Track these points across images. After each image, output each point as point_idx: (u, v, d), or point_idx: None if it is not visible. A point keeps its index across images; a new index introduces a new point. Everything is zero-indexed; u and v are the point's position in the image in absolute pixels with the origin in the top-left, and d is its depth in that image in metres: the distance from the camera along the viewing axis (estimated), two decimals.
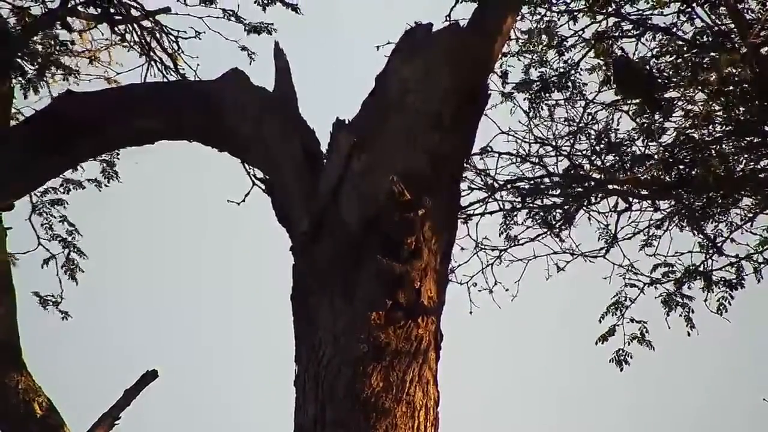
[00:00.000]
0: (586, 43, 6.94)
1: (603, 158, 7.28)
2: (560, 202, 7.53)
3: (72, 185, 7.74)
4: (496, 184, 7.42)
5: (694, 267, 7.27)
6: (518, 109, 7.30)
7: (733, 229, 7.24)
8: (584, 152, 7.33)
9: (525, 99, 7.26)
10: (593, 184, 7.31)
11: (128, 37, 7.25)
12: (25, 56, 6.85)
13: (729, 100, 6.46)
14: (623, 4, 6.65)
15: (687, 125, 6.85)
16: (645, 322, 7.45)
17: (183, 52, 7.36)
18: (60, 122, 4.60)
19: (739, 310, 7.10)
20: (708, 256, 7.30)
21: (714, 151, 6.78)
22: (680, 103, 6.83)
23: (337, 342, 3.82)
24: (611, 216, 7.46)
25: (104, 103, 4.82)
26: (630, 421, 12.35)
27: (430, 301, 3.95)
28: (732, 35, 6.31)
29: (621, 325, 7.47)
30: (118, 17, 6.90)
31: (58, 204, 7.71)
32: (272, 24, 7.18)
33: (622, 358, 7.42)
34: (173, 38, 7.32)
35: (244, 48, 7.27)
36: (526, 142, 7.38)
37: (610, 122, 7.20)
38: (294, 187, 4.27)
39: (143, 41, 7.26)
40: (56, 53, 7.20)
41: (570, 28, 6.92)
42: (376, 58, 6.64)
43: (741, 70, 6.13)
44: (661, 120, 6.95)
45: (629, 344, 7.44)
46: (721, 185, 6.73)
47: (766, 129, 6.64)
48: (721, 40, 6.35)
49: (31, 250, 7.57)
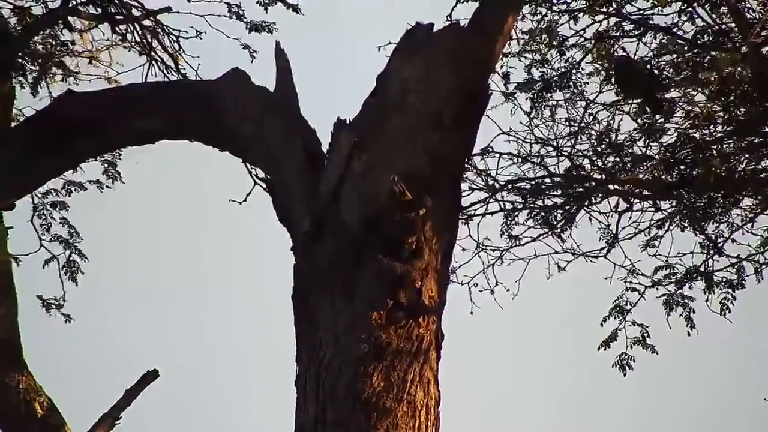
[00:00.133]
0: (585, 47, 6.95)
1: (604, 158, 7.28)
2: (561, 203, 7.53)
3: (74, 187, 7.73)
4: (497, 185, 7.42)
5: (695, 267, 7.26)
6: (519, 109, 7.32)
7: (734, 229, 7.23)
8: (585, 152, 7.33)
9: (526, 99, 7.27)
10: (594, 184, 7.31)
11: (129, 36, 7.26)
12: (25, 56, 6.85)
13: (729, 101, 6.45)
14: (624, 4, 6.64)
15: (688, 125, 6.85)
16: (647, 326, 7.43)
17: (184, 52, 7.37)
18: (60, 122, 4.60)
19: (739, 311, 7.10)
20: (709, 257, 7.29)
21: (715, 152, 6.78)
22: (681, 104, 6.83)
23: (338, 342, 3.82)
24: (612, 216, 7.47)
25: (105, 103, 4.82)
26: (631, 421, 12.35)
27: (431, 300, 3.95)
28: (732, 35, 6.31)
29: (623, 329, 7.45)
30: (119, 17, 6.90)
31: (59, 206, 7.70)
32: (274, 23, 7.18)
33: (625, 363, 7.40)
34: (174, 38, 7.32)
35: (245, 46, 7.28)
36: (527, 143, 7.39)
37: (611, 122, 7.21)
38: (295, 187, 4.27)
39: (144, 41, 7.26)
40: (57, 53, 7.20)
41: (571, 28, 6.93)
42: (377, 58, 6.67)
43: (742, 70, 6.13)
44: (662, 120, 6.95)
45: (631, 348, 7.43)
46: (722, 185, 6.73)
47: (767, 129, 6.64)
48: (721, 40, 6.35)
49: (33, 252, 7.58)
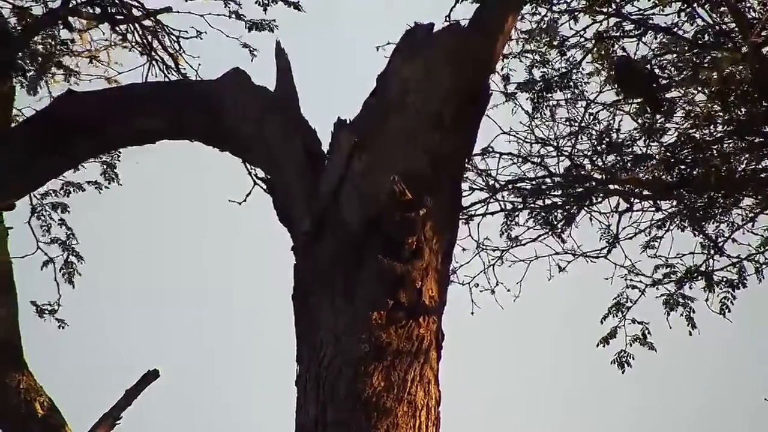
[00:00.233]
0: (585, 47, 6.95)
1: (604, 158, 7.27)
2: (561, 203, 7.52)
3: (72, 187, 7.72)
4: (498, 185, 7.42)
5: (695, 267, 7.26)
6: (519, 109, 7.31)
7: (734, 229, 7.23)
8: (585, 152, 7.33)
9: (527, 99, 7.26)
10: (594, 184, 7.30)
11: (129, 36, 7.26)
12: (25, 56, 6.84)
13: (730, 101, 6.45)
14: (624, 4, 6.64)
15: (688, 125, 6.84)
16: (647, 324, 7.43)
17: (184, 52, 7.37)
18: (60, 122, 4.60)
19: (740, 310, 7.10)
20: (709, 257, 7.28)
21: (715, 151, 6.78)
22: (681, 103, 6.83)
23: (338, 342, 3.82)
24: (612, 216, 7.46)
25: (105, 103, 4.82)
26: (632, 421, 12.35)
27: (431, 300, 3.95)
28: (733, 35, 6.31)
29: (623, 327, 7.46)
30: (119, 17, 6.89)
31: (58, 208, 7.69)
32: (273, 20, 7.17)
33: (624, 360, 7.41)
34: (174, 38, 7.32)
35: (245, 45, 7.26)
36: (527, 143, 7.38)
37: (612, 122, 7.20)
38: (295, 187, 4.27)
39: (144, 41, 7.25)
40: (57, 53, 7.20)
41: (571, 28, 6.92)
42: (377, 58, 6.66)
43: (742, 70, 6.12)
44: (662, 120, 6.94)
45: (630, 346, 7.43)
46: (722, 185, 6.72)
47: (767, 129, 6.63)
48: (722, 40, 6.35)
49: (30, 254, 7.55)
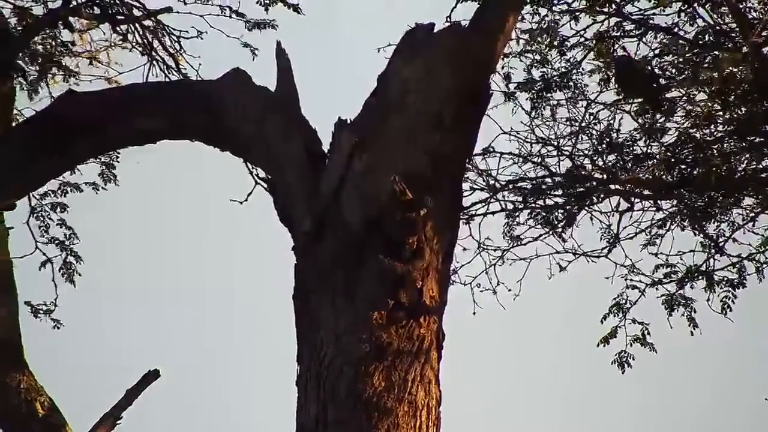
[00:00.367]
0: (587, 46, 6.94)
1: (605, 158, 7.27)
2: (562, 202, 7.52)
3: (70, 188, 7.71)
4: (498, 185, 7.42)
5: (695, 267, 7.26)
6: (520, 109, 7.31)
7: (735, 228, 7.23)
8: (586, 152, 7.33)
9: (527, 99, 7.26)
10: (595, 184, 7.30)
11: (130, 37, 7.26)
12: (25, 56, 6.85)
13: (730, 100, 6.44)
14: (624, 4, 6.64)
15: (688, 125, 6.84)
16: (647, 324, 7.43)
17: (185, 52, 7.37)
18: (61, 122, 4.61)
19: (741, 310, 7.10)
20: (710, 256, 7.28)
21: (715, 151, 6.77)
22: (682, 103, 6.83)
23: (338, 342, 3.82)
24: (613, 216, 7.46)
25: (105, 103, 4.82)
26: (633, 421, 12.35)
27: (431, 300, 3.95)
28: (733, 35, 6.31)
29: (623, 327, 7.45)
30: (119, 17, 6.89)
31: (59, 208, 7.68)
32: (274, 20, 7.16)
33: (624, 360, 7.40)
34: (175, 38, 7.32)
35: (246, 45, 7.25)
36: (527, 142, 7.38)
37: (612, 122, 7.20)
38: (296, 187, 4.28)
39: (145, 41, 7.25)
40: (57, 54, 7.20)
41: (571, 28, 6.92)
42: (378, 58, 6.66)
43: (742, 70, 6.12)
44: (663, 120, 6.94)
45: (631, 346, 7.43)
46: (723, 185, 6.72)
47: (767, 129, 6.63)
48: (722, 40, 6.34)
49: (29, 254, 7.56)
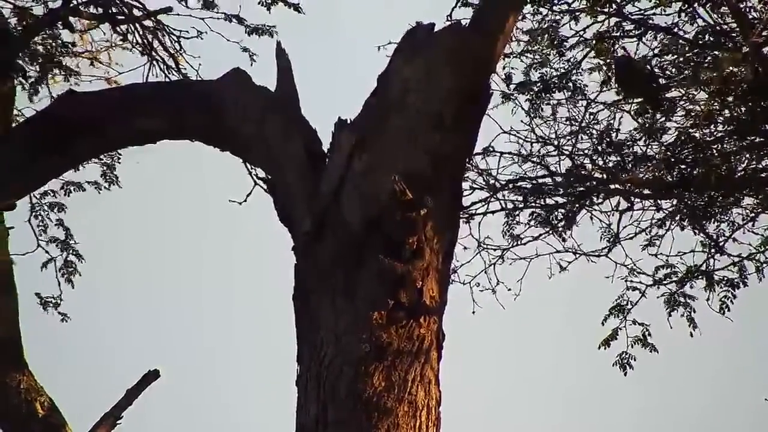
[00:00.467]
0: (587, 44, 6.94)
1: (605, 158, 7.27)
2: (562, 202, 7.52)
3: (72, 186, 7.72)
4: (498, 184, 7.42)
5: (696, 267, 7.25)
6: (520, 108, 7.31)
7: (735, 228, 7.23)
8: (586, 152, 7.33)
9: (526, 100, 7.26)
10: (595, 183, 7.30)
11: (130, 37, 7.26)
12: (26, 57, 6.85)
13: (730, 100, 6.44)
14: (624, 4, 6.64)
15: (688, 125, 6.84)
16: (647, 325, 7.42)
17: (185, 52, 7.37)
18: (61, 122, 4.61)
19: (741, 310, 7.09)
20: (710, 256, 7.28)
21: (715, 151, 6.78)
22: (682, 103, 6.83)
23: (338, 342, 3.82)
24: (613, 215, 7.46)
25: (105, 103, 4.82)
26: (632, 421, 12.35)
27: (432, 300, 3.95)
28: (734, 35, 6.31)
29: (624, 328, 7.44)
30: (120, 17, 6.90)
31: (57, 208, 7.69)
32: (274, 26, 7.18)
33: (626, 362, 7.39)
34: (175, 38, 7.32)
35: (245, 49, 7.28)
36: (527, 142, 7.38)
37: (612, 122, 7.20)
38: (296, 187, 4.28)
39: (145, 41, 7.26)
40: (57, 54, 7.20)
41: (571, 28, 6.93)
42: (378, 58, 6.66)
43: (743, 70, 6.12)
44: (663, 119, 6.94)
45: (632, 347, 7.41)
46: (723, 185, 6.72)
47: (767, 128, 6.63)
48: (722, 40, 6.35)
49: (31, 252, 7.57)
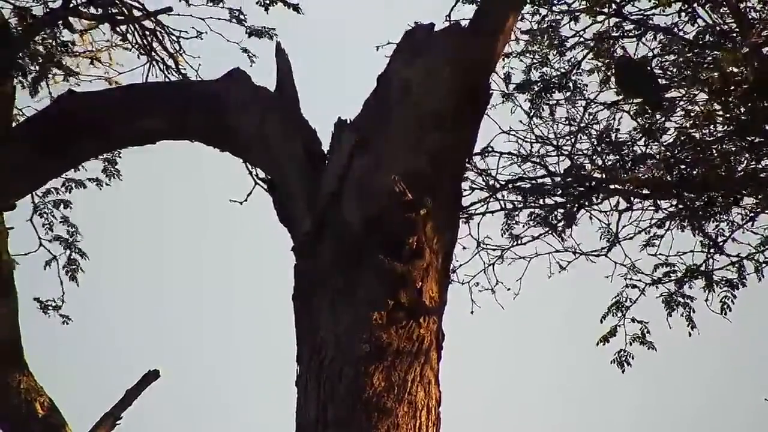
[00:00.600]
0: (586, 45, 6.95)
1: (604, 158, 7.28)
2: (561, 202, 7.52)
3: (74, 184, 7.71)
4: (498, 184, 7.42)
5: (695, 266, 7.26)
6: (519, 108, 7.31)
7: (734, 228, 7.23)
8: (585, 152, 7.33)
9: (526, 100, 7.27)
10: (594, 183, 7.30)
11: (129, 37, 7.26)
12: (26, 56, 6.85)
13: (730, 100, 6.45)
14: (624, 4, 6.65)
15: (688, 125, 6.85)
16: (646, 323, 7.42)
17: (184, 52, 7.36)
18: (61, 122, 4.61)
19: (740, 310, 7.10)
20: (709, 256, 7.28)
21: (715, 151, 6.78)
22: (681, 103, 6.83)
23: (338, 342, 3.82)
24: (612, 215, 7.46)
25: (106, 103, 4.83)
26: (631, 420, 12.36)
27: (431, 300, 3.95)
28: (733, 34, 6.31)
29: (622, 326, 7.45)
30: (119, 17, 6.89)
31: (60, 205, 7.69)
32: (273, 29, 7.16)
33: (624, 359, 7.40)
34: (175, 38, 7.32)
35: (245, 50, 7.25)
36: (527, 142, 7.38)
37: (612, 122, 7.21)
38: (296, 187, 4.28)
39: (145, 41, 7.25)
40: (57, 53, 7.20)
41: (571, 29, 6.93)
42: (377, 58, 6.65)
43: (743, 70, 6.13)
44: (662, 119, 6.95)
45: (630, 345, 7.42)
46: (723, 185, 6.73)
47: (767, 128, 6.63)
48: (722, 40, 6.35)
49: (33, 251, 7.56)
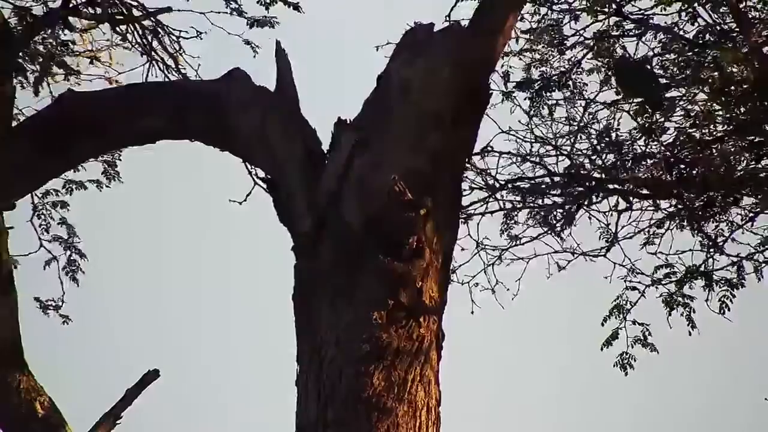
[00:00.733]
0: (586, 45, 6.95)
1: (604, 157, 7.28)
2: (561, 202, 7.53)
3: (74, 185, 7.72)
4: (497, 184, 7.42)
5: (695, 267, 7.26)
6: (518, 108, 7.32)
7: (734, 228, 7.23)
8: (585, 152, 7.34)
9: (525, 99, 7.27)
10: (594, 183, 7.31)
11: (129, 37, 7.25)
12: (26, 56, 6.85)
13: (729, 100, 6.45)
14: (624, 4, 6.65)
15: (688, 125, 6.86)
16: (647, 325, 7.42)
17: (184, 52, 7.35)
18: (62, 122, 4.61)
19: (740, 310, 7.10)
20: (708, 256, 7.29)
21: (715, 151, 6.78)
22: (681, 103, 6.83)
23: (338, 342, 3.82)
24: (612, 215, 7.46)
25: (106, 103, 4.83)
26: (631, 420, 12.35)
27: (431, 300, 3.95)
28: (734, 34, 6.32)
29: (623, 328, 7.45)
30: (119, 17, 6.89)
31: (60, 206, 7.69)
32: (275, 17, 7.10)
33: (626, 362, 7.40)
34: (175, 38, 7.30)
35: (247, 42, 7.19)
36: (526, 142, 7.39)
37: (611, 121, 7.21)
38: (296, 187, 4.28)
39: (144, 41, 7.25)
40: (57, 53, 7.20)
41: (571, 28, 6.94)
42: (377, 58, 6.66)
43: (743, 69, 6.13)
44: (662, 119, 6.95)
45: (632, 347, 7.42)
46: (722, 185, 6.73)
47: (767, 129, 6.64)
48: (722, 40, 6.35)
49: (33, 252, 7.56)
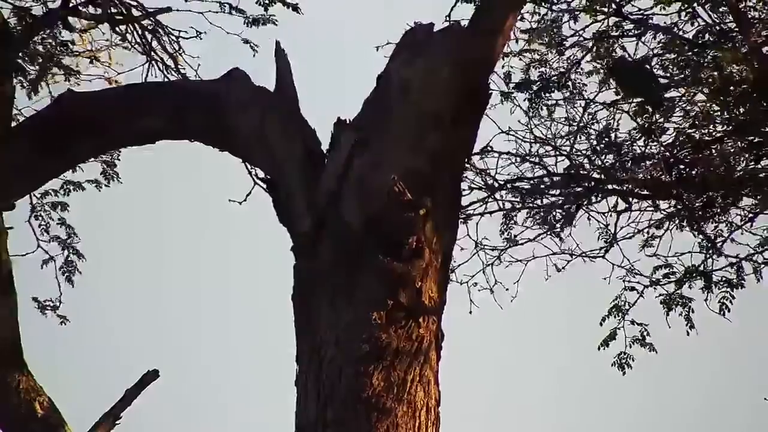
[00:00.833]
0: (585, 47, 6.96)
1: (603, 158, 7.28)
2: (560, 202, 7.53)
3: (72, 186, 7.71)
4: (496, 184, 7.42)
5: (694, 267, 7.26)
6: (518, 108, 7.32)
7: (733, 229, 7.24)
8: (584, 152, 7.34)
9: (525, 99, 7.27)
10: (593, 183, 7.31)
11: (129, 37, 7.25)
12: (25, 56, 6.85)
13: (729, 100, 6.45)
14: (624, 4, 6.65)
15: (687, 125, 6.86)
16: (646, 325, 7.42)
17: (184, 52, 7.35)
18: (61, 122, 4.62)
19: (739, 310, 7.10)
20: (708, 256, 7.29)
21: (714, 151, 6.79)
22: (681, 103, 6.84)
23: (338, 342, 3.82)
24: (611, 216, 7.46)
25: (106, 103, 4.83)
26: (630, 420, 12.36)
27: (431, 300, 3.95)
28: (733, 34, 6.32)
29: (622, 328, 7.45)
30: (119, 17, 6.89)
31: (58, 207, 7.68)
32: (273, 15, 7.07)
33: (624, 362, 7.40)
34: (174, 38, 7.30)
35: (246, 41, 7.18)
36: (526, 142, 7.39)
37: (611, 122, 7.21)
38: (296, 187, 4.28)
39: (144, 41, 7.25)
40: (57, 53, 7.20)
41: (571, 28, 6.94)
42: (377, 58, 6.66)
43: (742, 70, 6.13)
44: (662, 120, 6.95)
45: (630, 347, 7.42)
46: (722, 185, 6.73)
47: (766, 129, 6.64)
48: (722, 40, 6.36)
49: (30, 252, 7.55)
